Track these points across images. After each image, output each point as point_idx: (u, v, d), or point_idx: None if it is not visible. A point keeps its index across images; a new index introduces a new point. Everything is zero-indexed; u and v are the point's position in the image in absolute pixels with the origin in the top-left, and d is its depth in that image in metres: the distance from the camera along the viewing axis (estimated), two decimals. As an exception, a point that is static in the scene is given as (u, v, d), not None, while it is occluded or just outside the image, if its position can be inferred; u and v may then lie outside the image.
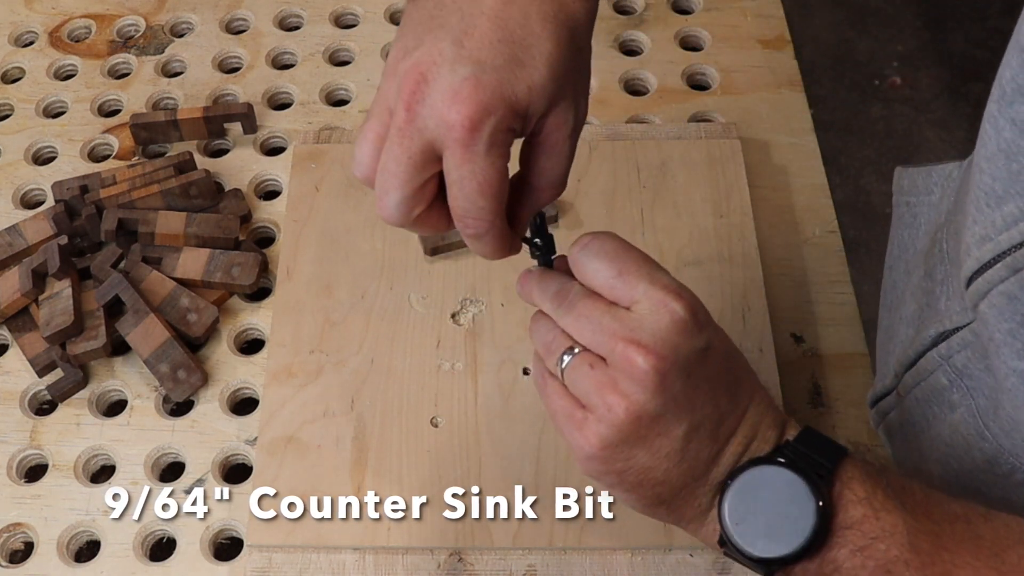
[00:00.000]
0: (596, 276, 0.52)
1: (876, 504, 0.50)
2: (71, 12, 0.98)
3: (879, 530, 0.50)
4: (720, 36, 0.94)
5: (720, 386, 0.51)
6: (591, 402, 0.51)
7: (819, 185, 0.84)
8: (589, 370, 0.51)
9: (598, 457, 0.51)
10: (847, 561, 0.50)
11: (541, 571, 0.66)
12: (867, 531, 0.50)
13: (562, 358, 0.52)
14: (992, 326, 0.52)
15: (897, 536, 0.49)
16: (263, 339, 0.78)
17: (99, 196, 0.81)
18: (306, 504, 0.67)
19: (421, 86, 0.48)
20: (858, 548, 0.50)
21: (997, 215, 0.50)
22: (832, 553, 0.50)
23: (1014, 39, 0.50)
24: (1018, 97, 0.49)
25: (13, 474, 0.72)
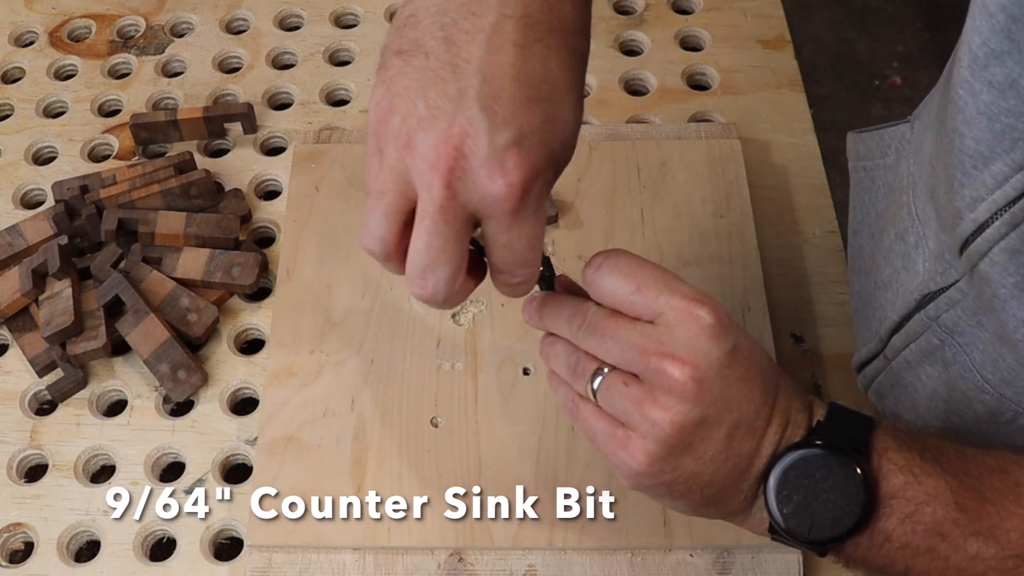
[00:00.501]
0: (615, 294, 0.53)
1: (916, 470, 0.51)
2: (71, 12, 0.98)
3: (923, 495, 0.51)
4: (720, 36, 0.94)
5: (751, 381, 0.52)
6: (632, 420, 0.52)
7: (819, 185, 0.84)
8: (624, 388, 0.52)
9: (647, 473, 0.52)
10: (897, 529, 0.51)
11: (541, 571, 0.66)
12: (912, 497, 0.51)
13: (592, 379, 0.53)
14: (996, 282, 0.53)
15: (942, 498, 0.50)
16: (263, 339, 0.78)
17: (99, 196, 0.81)
18: (306, 504, 0.67)
19: (460, 162, 0.48)
20: (906, 515, 0.51)
21: (986, 175, 0.51)
22: (881, 524, 0.51)
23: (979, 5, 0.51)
24: (992, 60, 0.50)
25: (13, 474, 0.72)
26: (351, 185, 0.82)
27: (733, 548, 0.65)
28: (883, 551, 0.52)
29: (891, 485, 0.51)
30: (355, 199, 0.81)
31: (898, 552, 0.51)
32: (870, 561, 0.52)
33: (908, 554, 0.51)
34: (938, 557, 0.51)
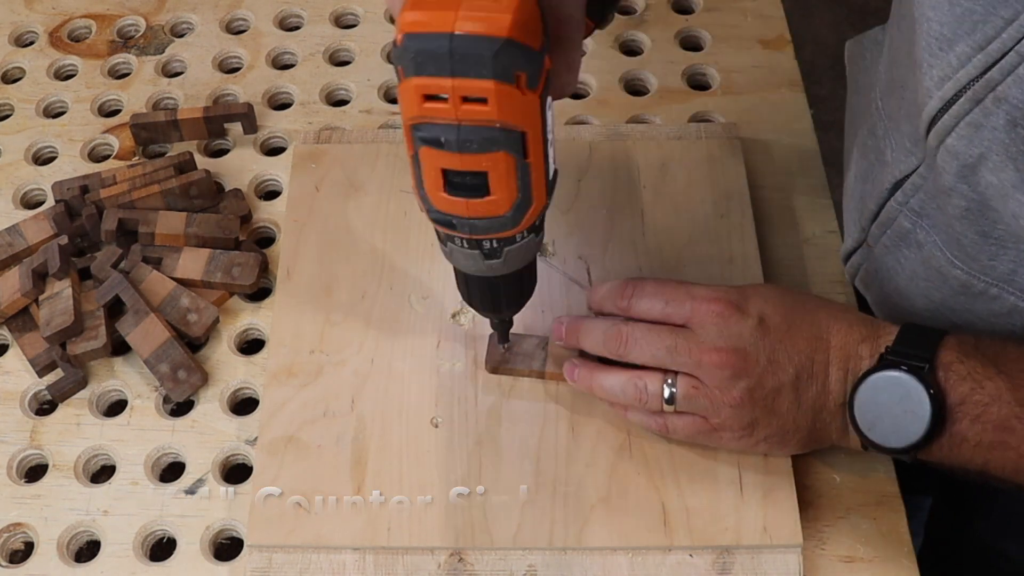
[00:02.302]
0: (651, 310, 0.65)
1: (978, 376, 0.58)
2: (71, 12, 0.98)
3: (987, 397, 0.58)
4: (720, 36, 0.94)
5: (793, 337, 0.63)
6: (712, 411, 0.63)
7: (819, 185, 0.84)
8: (696, 392, 0.63)
9: (745, 443, 0.65)
10: (969, 430, 0.58)
11: (541, 571, 0.66)
12: (978, 401, 0.58)
13: (664, 395, 0.64)
14: (963, 155, 0.58)
15: (1004, 396, 0.58)
16: (263, 339, 0.78)
17: (99, 196, 0.81)
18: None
19: None
20: (975, 417, 0.58)
21: (951, 56, 0.56)
22: (955, 427, 0.59)
23: None
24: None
25: (13, 474, 0.72)
26: (351, 185, 0.82)
27: (733, 548, 0.65)
28: (962, 451, 0.59)
29: (958, 393, 0.59)
30: (355, 199, 0.81)
31: (975, 450, 0.59)
32: (954, 460, 0.60)
33: (983, 450, 0.59)
34: (1009, 448, 0.58)
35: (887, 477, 0.69)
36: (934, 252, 0.65)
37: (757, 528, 0.65)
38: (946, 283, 0.66)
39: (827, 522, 0.68)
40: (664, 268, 0.76)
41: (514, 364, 0.72)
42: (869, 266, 0.73)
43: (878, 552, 0.66)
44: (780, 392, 0.62)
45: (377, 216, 0.80)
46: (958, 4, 0.55)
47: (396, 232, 0.80)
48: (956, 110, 0.57)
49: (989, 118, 0.56)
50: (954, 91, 0.57)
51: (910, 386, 0.59)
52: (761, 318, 0.63)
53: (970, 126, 0.57)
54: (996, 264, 0.62)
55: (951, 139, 0.58)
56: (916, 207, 0.66)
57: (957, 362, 0.59)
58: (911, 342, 0.61)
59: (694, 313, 0.64)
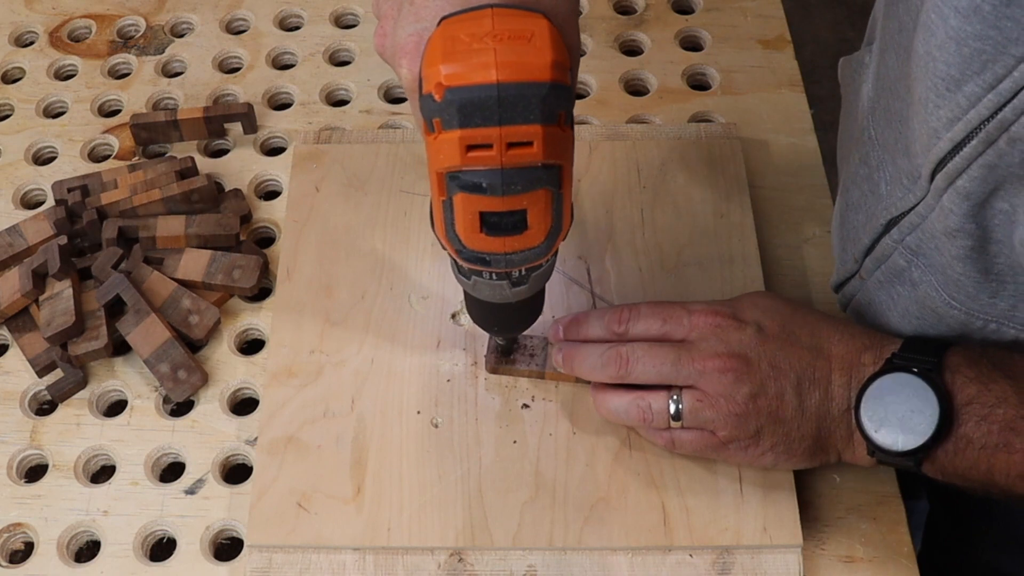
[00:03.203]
0: (649, 330, 0.66)
1: (984, 379, 0.59)
2: (71, 12, 0.98)
3: (994, 399, 0.58)
4: (720, 36, 0.94)
5: (793, 345, 0.63)
6: (718, 423, 0.63)
7: (819, 185, 0.84)
8: (701, 404, 0.63)
9: (753, 454, 0.64)
10: (975, 431, 0.58)
11: (541, 571, 0.66)
12: (984, 402, 0.58)
13: (670, 411, 0.64)
14: (976, 193, 0.57)
15: (1010, 399, 0.58)
16: (263, 339, 0.78)
17: (100, 202, 0.80)
18: (306, 504, 0.67)
19: None
20: (981, 418, 0.58)
21: (960, 96, 0.55)
22: (961, 430, 0.59)
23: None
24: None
25: (13, 474, 0.72)
26: (351, 185, 0.82)
27: (733, 548, 0.65)
28: (967, 454, 0.59)
29: (965, 395, 0.59)
30: (355, 199, 0.81)
31: (980, 453, 0.59)
32: (959, 465, 0.60)
33: (988, 453, 0.58)
34: (1014, 450, 0.58)
35: (887, 477, 0.69)
36: (929, 292, 0.64)
37: (757, 528, 0.65)
38: (942, 322, 0.64)
39: (827, 522, 0.68)
40: (664, 268, 0.76)
41: (514, 364, 0.72)
42: (861, 298, 0.71)
43: (878, 552, 0.66)
44: (783, 397, 0.62)
45: (377, 216, 0.80)
46: (966, 44, 0.53)
47: (396, 232, 0.80)
48: (968, 152, 0.56)
49: (1003, 158, 0.54)
50: (964, 133, 0.55)
51: (917, 386, 0.59)
52: (759, 326, 0.64)
53: (983, 167, 0.56)
54: (996, 301, 0.61)
55: (962, 180, 0.57)
56: (912, 245, 0.65)
57: (964, 365, 0.60)
58: (918, 348, 0.61)
59: (692, 327, 0.65)
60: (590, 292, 0.76)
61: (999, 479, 0.59)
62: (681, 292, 0.75)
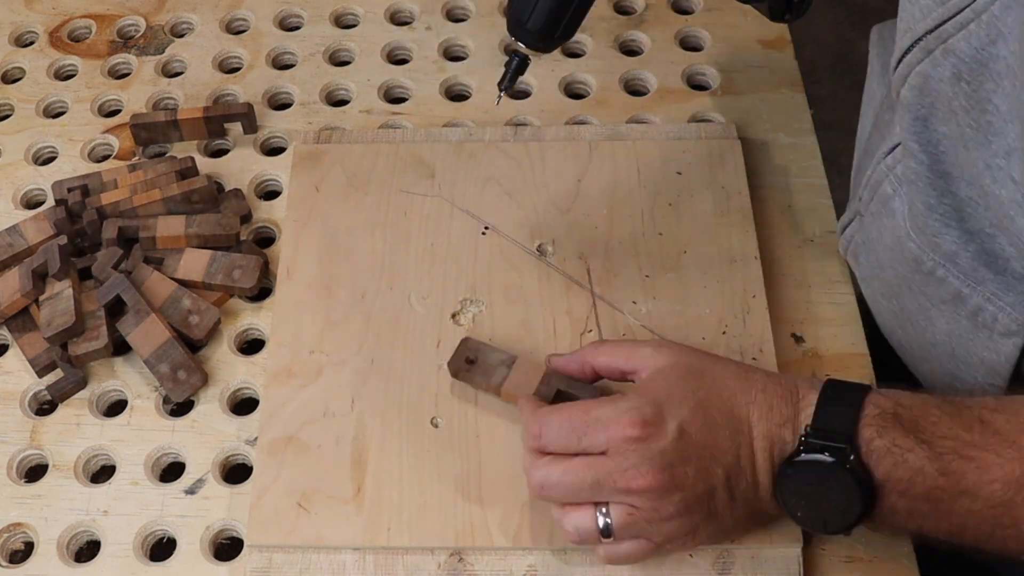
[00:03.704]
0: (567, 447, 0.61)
1: (898, 450, 0.57)
2: (71, 12, 0.98)
3: (910, 471, 0.57)
4: (720, 36, 0.94)
5: (715, 438, 0.60)
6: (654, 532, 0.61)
7: (819, 185, 0.84)
8: (632, 517, 0.60)
9: (692, 544, 0.63)
10: (899, 502, 0.58)
11: (541, 571, 0.66)
12: (901, 476, 0.57)
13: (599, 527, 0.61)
14: (915, 105, 0.59)
15: (926, 469, 0.56)
16: (263, 339, 0.78)
17: (100, 202, 0.80)
18: (306, 504, 0.67)
19: None
20: (902, 491, 0.57)
21: (916, 8, 0.57)
22: (886, 502, 0.58)
23: None
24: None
25: (13, 474, 0.72)
26: (351, 185, 0.82)
27: (733, 548, 0.65)
28: (895, 520, 0.59)
29: (882, 469, 0.57)
30: (355, 199, 0.81)
31: (907, 518, 0.58)
32: (890, 527, 0.60)
33: (915, 517, 0.58)
34: (940, 515, 0.57)
35: (887, 477, 0.69)
36: (899, 222, 0.65)
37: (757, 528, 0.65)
38: (903, 256, 0.65)
39: (827, 522, 0.68)
40: (664, 268, 0.76)
41: (474, 374, 0.70)
42: (859, 237, 0.73)
43: (878, 552, 0.66)
44: (714, 496, 0.60)
45: (377, 216, 0.80)
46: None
47: (396, 232, 0.80)
48: (910, 58, 0.58)
49: (937, 69, 0.56)
50: (911, 41, 0.58)
51: (834, 469, 0.57)
52: (680, 428, 0.60)
53: (920, 75, 0.58)
54: (940, 242, 0.62)
55: (904, 89, 0.59)
56: (900, 173, 0.66)
57: (877, 437, 0.57)
58: (829, 417, 0.59)
59: (610, 442, 0.60)
60: (590, 292, 0.76)
61: (932, 535, 0.59)
62: (681, 292, 0.75)
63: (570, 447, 0.61)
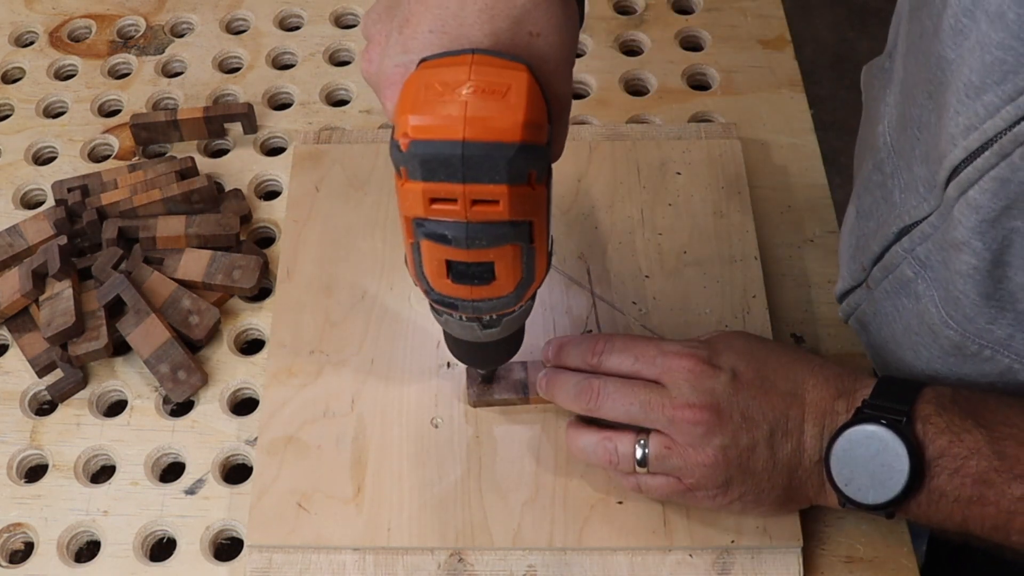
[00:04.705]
0: (621, 366, 0.64)
1: (956, 428, 0.57)
2: (71, 12, 0.98)
3: (965, 451, 0.57)
4: (720, 36, 0.94)
5: (766, 393, 0.61)
6: (685, 471, 0.62)
7: (819, 185, 0.84)
8: (669, 451, 0.61)
9: (720, 503, 0.63)
10: (948, 484, 0.57)
11: (541, 571, 0.66)
12: (956, 455, 0.57)
13: (636, 456, 0.62)
14: (985, 208, 0.56)
15: (982, 451, 0.56)
16: (263, 339, 0.78)
17: (100, 202, 0.80)
18: (306, 504, 0.67)
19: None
20: (953, 471, 0.57)
21: (979, 105, 0.54)
22: (934, 483, 0.58)
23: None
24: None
25: (13, 474, 0.72)
26: (351, 185, 0.82)
27: (733, 548, 0.65)
28: (941, 506, 0.58)
29: (936, 447, 0.57)
30: (355, 199, 0.81)
31: (954, 505, 0.58)
32: (932, 517, 0.59)
33: (962, 505, 0.57)
34: (988, 503, 0.57)
35: (887, 477, 0.69)
36: (929, 308, 0.63)
37: (757, 528, 0.65)
38: (936, 342, 0.63)
39: (827, 522, 0.68)
40: (664, 268, 0.76)
41: (494, 395, 0.70)
42: (867, 308, 0.70)
43: (878, 552, 0.66)
44: (755, 450, 0.61)
45: (377, 216, 0.80)
46: (989, 52, 0.52)
47: (396, 232, 0.79)
48: (981, 163, 0.54)
49: (1017, 173, 0.53)
50: (980, 142, 0.54)
51: (887, 439, 0.58)
52: (734, 373, 0.62)
53: (995, 180, 0.54)
54: (994, 328, 0.60)
55: (973, 191, 0.55)
56: (922, 256, 0.63)
57: (935, 415, 0.58)
58: (888, 395, 0.60)
59: (665, 369, 0.62)
60: (590, 292, 0.76)
61: (974, 529, 0.58)
62: (681, 292, 0.75)
63: (623, 365, 0.64)
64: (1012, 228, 0.55)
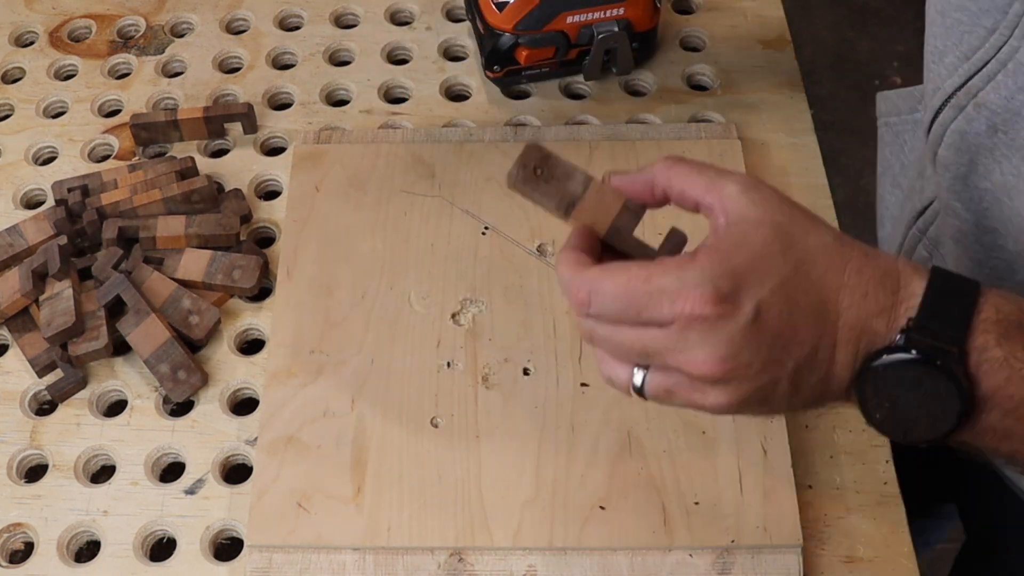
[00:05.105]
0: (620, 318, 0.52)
1: (1016, 363, 0.50)
2: (71, 12, 0.98)
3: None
4: (720, 36, 0.94)
5: (795, 324, 0.51)
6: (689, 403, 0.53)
7: (819, 185, 0.84)
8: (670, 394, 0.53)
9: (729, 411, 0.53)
10: (999, 423, 0.51)
11: (541, 571, 0.66)
12: (1013, 393, 0.50)
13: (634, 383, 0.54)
14: (953, 164, 0.56)
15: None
16: (263, 339, 0.78)
17: (100, 202, 0.80)
18: (306, 504, 0.67)
19: None
20: (1008, 410, 0.50)
21: (942, 67, 0.56)
22: (983, 418, 0.51)
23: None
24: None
25: (13, 474, 0.72)
26: (351, 185, 0.82)
27: (733, 548, 0.65)
28: (986, 439, 0.52)
29: (991, 383, 0.50)
30: (355, 199, 0.81)
31: (1002, 441, 0.52)
32: (975, 444, 0.53)
33: (1014, 442, 0.52)
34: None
35: (888, 477, 0.69)
36: None
37: (757, 528, 0.65)
38: None
39: (827, 522, 0.68)
40: (664, 268, 0.76)
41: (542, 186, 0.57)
42: None
43: (878, 552, 0.66)
44: (775, 387, 0.52)
45: (377, 216, 0.80)
46: (949, 15, 0.55)
47: (396, 232, 0.80)
48: (943, 118, 0.57)
49: (971, 124, 0.55)
50: (941, 100, 0.57)
51: (934, 375, 0.50)
52: (757, 311, 0.50)
53: (955, 134, 0.57)
54: None
55: (941, 149, 0.58)
56: (933, 236, 0.65)
57: (994, 346, 0.50)
58: (939, 315, 0.50)
59: (676, 318, 0.50)
60: (590, 292, 0.76)
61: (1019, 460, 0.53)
62: (681, 292, 0.75)
63: (622, 318, 0.52)
64: (984, 189, 0.56)
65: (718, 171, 0.54)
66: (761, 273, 0.51)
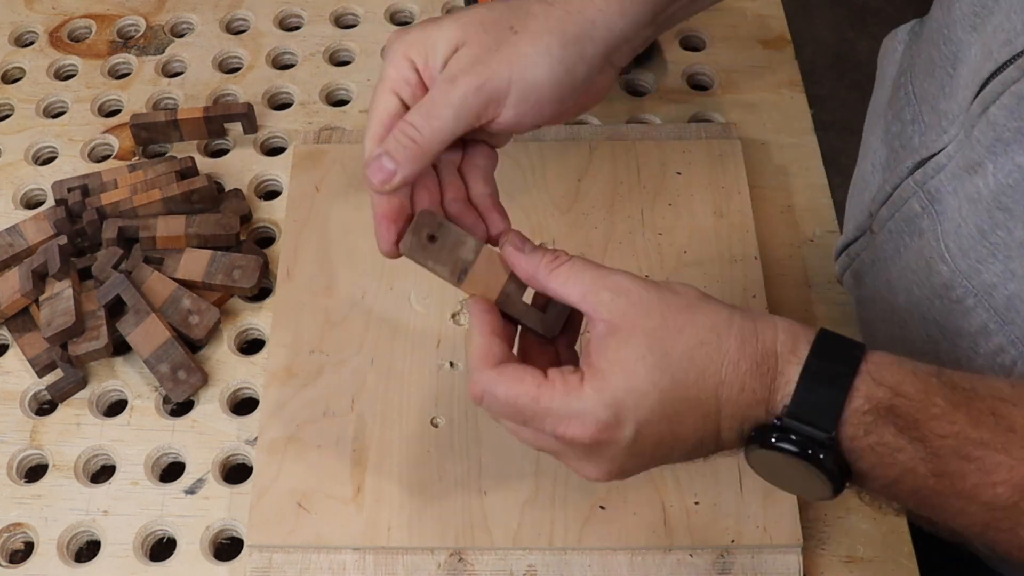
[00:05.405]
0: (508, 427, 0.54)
1: (884, 449, 0.50)
2: (71, 12, 0.98)
3: (898, 470, 0.50)
4: (720, 36, 0.94)
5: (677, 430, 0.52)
6: None
7: (819, 185, 0.84)
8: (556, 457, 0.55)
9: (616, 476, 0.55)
10: (883, 492, 0.52)
11: (541, 571, 0.66)
12: (887, 474, 0.51)
13: None
14: (1001, 126, 0.55)
15: (918, 470, 0.50)
16: (263, 339, 0.78)
17: (100, 202, 0.81)
18: (306, 504, 0.67)
19: None
20: (886, 485, 0.51)
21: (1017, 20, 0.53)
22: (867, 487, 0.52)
23: None
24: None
25: (13, 474, 0.72)
26: (351, 185, 0.82)
27: (733, 548, 0.65)
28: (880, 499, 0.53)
29: (862, 466, 0.51)
30: (355, 199, 0.81)
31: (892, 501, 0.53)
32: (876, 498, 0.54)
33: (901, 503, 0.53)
34: (929, 509, 0.52)
35: (887, 477, 0.69)
36: (930, 241, 0.62)
37: (757, 528, 0.65)
38: (929, 279, 0.62)
39: (827, 522, 0.68)
40: (664, 268, 0.76)
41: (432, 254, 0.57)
42: (866, 256, 0.69)
43: (878, 552, 0.66)
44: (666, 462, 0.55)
45: (377, 216, 0.80)
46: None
47: (396, 232, 0.79)
48: (1006, 76, 0.54)
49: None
50: (1009, 55, 0.54)
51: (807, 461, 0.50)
52: (637, 431, 0.52)
53: (1014, 96, 0.54)
54: (982, 270, 0.58)
55: (994, 108, 0.55)
56: (932, 190, 0.62)
57: (861, 436, 0.50)
58: (809, 404, 0.51)
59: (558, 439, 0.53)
60: (590, 292, 0.76)
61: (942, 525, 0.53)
62: (681, 292, 0.75)
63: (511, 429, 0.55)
64: (1019, 165, 0.54)
65: (595, 273, 0.54)
66: (638, 395, 0.51)
